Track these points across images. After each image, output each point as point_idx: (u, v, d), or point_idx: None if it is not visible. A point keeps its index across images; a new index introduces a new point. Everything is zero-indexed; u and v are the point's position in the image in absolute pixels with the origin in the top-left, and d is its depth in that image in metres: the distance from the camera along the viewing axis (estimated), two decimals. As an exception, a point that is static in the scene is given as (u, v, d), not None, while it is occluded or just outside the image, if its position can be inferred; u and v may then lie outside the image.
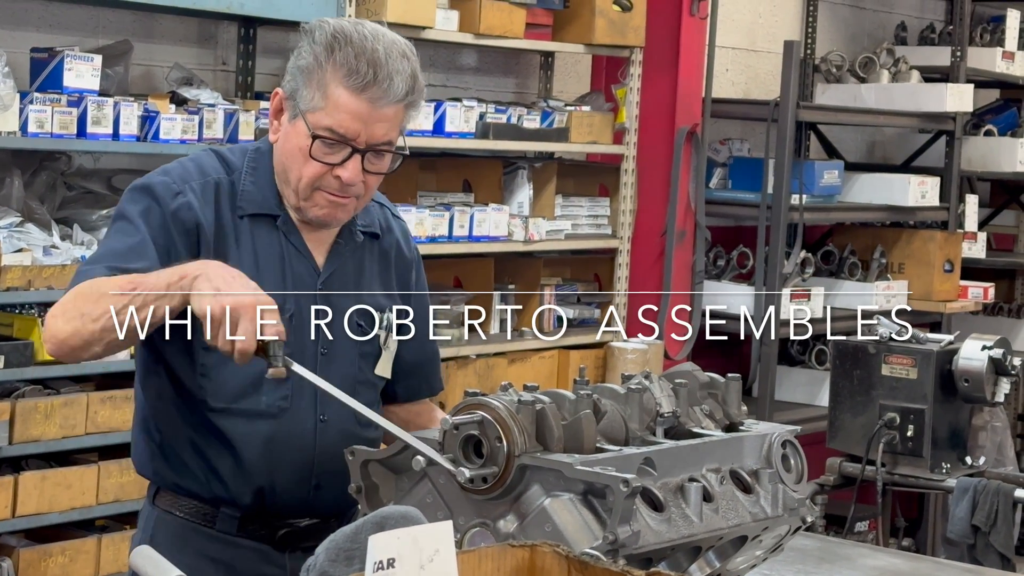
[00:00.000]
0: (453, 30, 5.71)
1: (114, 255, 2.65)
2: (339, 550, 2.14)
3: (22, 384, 4.66)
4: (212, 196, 2.73)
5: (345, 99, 2.65)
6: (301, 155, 2.69)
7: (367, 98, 2.65)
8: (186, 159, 2.81)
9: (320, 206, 2.73)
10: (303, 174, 2.70)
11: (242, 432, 2.74)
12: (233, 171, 2.78)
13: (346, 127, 2.66)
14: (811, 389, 7.26)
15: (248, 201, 2.76)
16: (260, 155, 2.81)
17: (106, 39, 5.19)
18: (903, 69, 7.81)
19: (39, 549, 4.62)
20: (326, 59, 2.65)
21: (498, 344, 6.03)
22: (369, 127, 2.67)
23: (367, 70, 2.64)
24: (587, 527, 2.34)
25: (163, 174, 2.75)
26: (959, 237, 7.76)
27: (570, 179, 6.53)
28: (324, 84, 2.65)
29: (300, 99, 2.68)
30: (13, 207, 4.73)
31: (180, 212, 2.69)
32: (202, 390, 2.73)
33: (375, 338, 2.87)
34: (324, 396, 2.76)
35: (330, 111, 2.66)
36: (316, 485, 2.79)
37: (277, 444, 2.74)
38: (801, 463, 2.70)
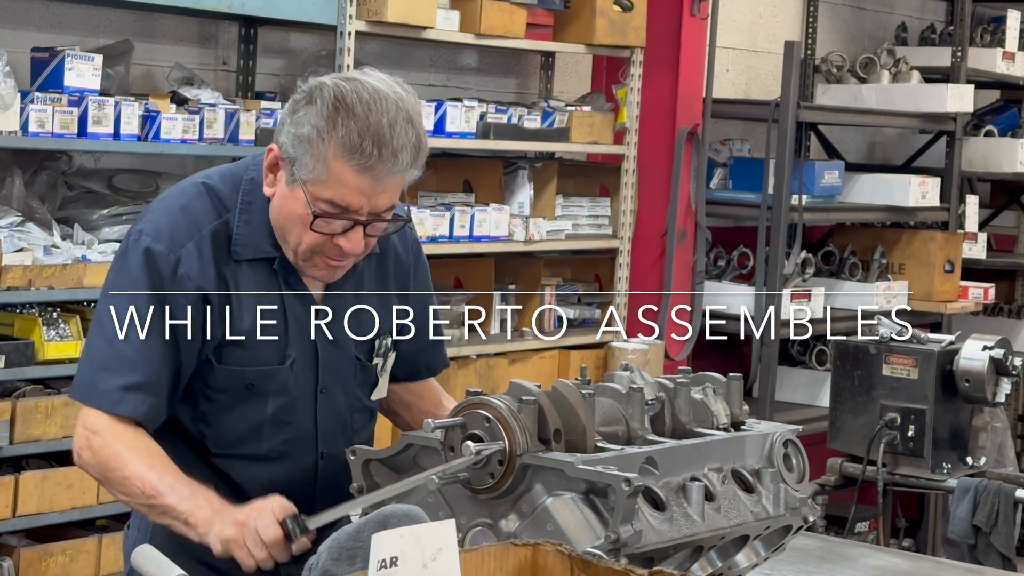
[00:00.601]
0: (454, 30, 5.71)
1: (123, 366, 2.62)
2: (341, 549, 2.14)
3: (23, 384, 4.66)
4: (209, 251, 2.67)
5: (348, 176, 2.56)
6: (301, 223, 2.63)
7: (371, 176, 2.57)
8: (176, 206, 2.70)
9: (319, 267, 2.69)
10: (302, 241, 2.64)
11: (244, 475, 2.75)
12: (227, 210, 2.71)
13: (348, 201, 2.59)
14: (812, 389, 7.26)
15: (243, 246, 2.70)
16: (255, 187, 2.72)
17: (107, 39, 5.19)
18: (903, 69, 7.81)
19: (40, 549, 4.62)
20: (327, 133, 2.55)
21: (499, 344, 6.03)
22: (372, 200, 2.60)
23: (372, 149, 2.54)
24: (589, 526, 2.34)
25: (156, 239, 2.66)
26: (959, 237, 7.76)
27: (571, 179, 6.53)
28: (325, 159, 2.56)
29: (299, 167, 2.60)
30: (14, 206, 4.73)
31: (180, 284, 2.65)
32: (203, 436, 2.74)
33: (373, 368, 2.86)
34: (324, 434, 2.78)
35: (332, 185, 2.58)
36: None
37: (280, 484, 2.72)
38: (803, 462, 2.70)
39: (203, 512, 2.53)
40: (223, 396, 2.71)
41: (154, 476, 2.57)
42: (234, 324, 2.67)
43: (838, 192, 7.32)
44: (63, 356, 4.61)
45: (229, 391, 2.70)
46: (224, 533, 2.49)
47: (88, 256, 4.72)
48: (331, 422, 2.79)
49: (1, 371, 4.49)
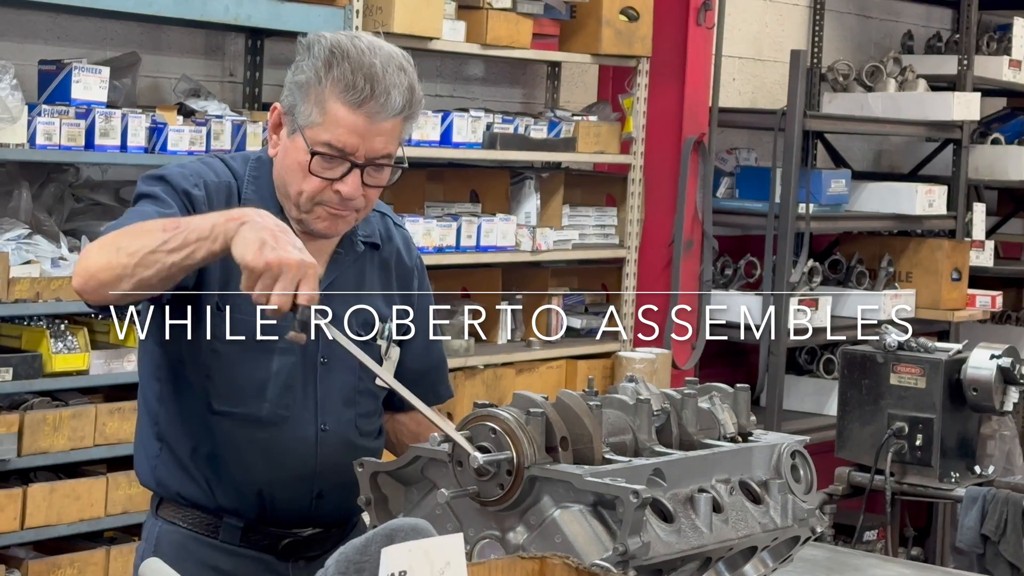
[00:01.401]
0: (460, 40, 5.71)
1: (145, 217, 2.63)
2: (349, 563, 2.13)
3: (30, 396, 4.66)
4: (223, 197, 2.74)
5: (343, 114, 2.65)
6: (300, 170, 2.69)
7: (364, 113, 2.65)
8: (197, 162, 2.81)
9: (321, 219, 2.73)
10: (303, 189, 2.70)
11: (243, 439, 2.75)
12: (237, 178, 2.79)
13: (344, 142, 2.66)
14: (819, 398, 7.26)
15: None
16: (261, 164, 2.81)
17: (114, 51, 5.20)
18: (910, 78, 7.81)
19: (48, 561, 4.62)
20: (324, 74, 2.65)
21: (506, 354, 6.03)
22: (367, 141, 2.67)
23: (364, 85, 2.64)
24: (597, 538, 2.34)
25: (179, 167, 2.76)
26: (967, 246, 7.75)
27: (577, 189, 6.54)
28: (322, 100, 2.65)
29: (298, 114, 2.68)
30: (21, 219, 4.73)
31: (195, 199, 2.70)
32: (206, 392, 2.74)
33: (375, 348, 2.87)
34: (325, 405, 2.78)
35: (328, 126, 2.66)
36: (318, 494, 2.80)
37: (277, 452, 2.75)
38: (810, 473, 2.70)
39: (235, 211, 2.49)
40: (229, 348, 2.72)
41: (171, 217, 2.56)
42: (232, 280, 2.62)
43: (845, 201, 7.32)
44: (71, 368, 4.62)
45: (236, 343, 2.71)
46: (248, 253, 2.40)
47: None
48: (332, 394, 2.80)
49: (9, 383, 4.50)
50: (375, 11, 5.34)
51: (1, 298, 4.45)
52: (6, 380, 4.48)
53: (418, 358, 2.95)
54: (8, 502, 4.50)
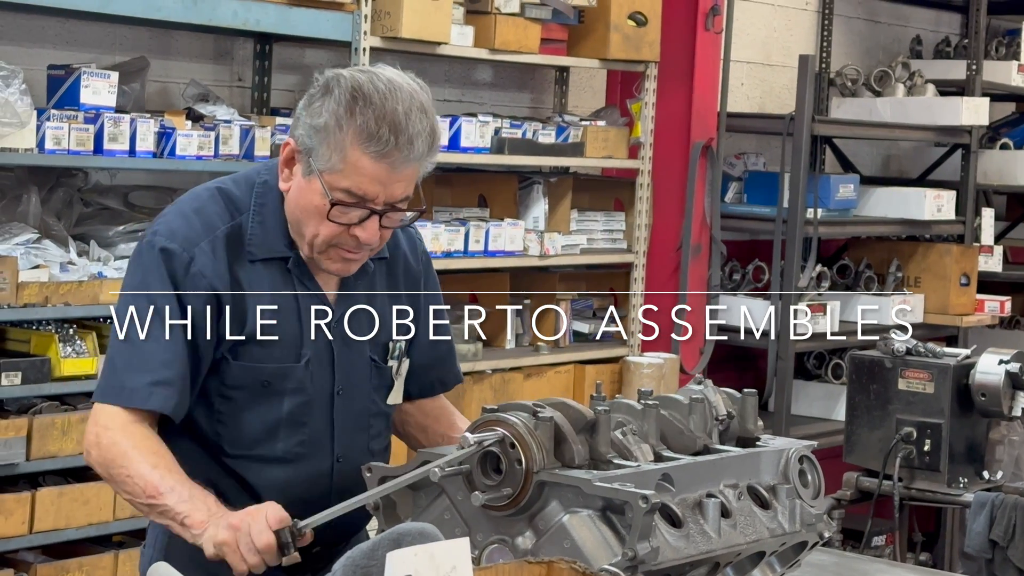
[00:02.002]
0: (468, 45, 5.72)
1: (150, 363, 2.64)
2: (356, 567, 2.14)
3: (39, 400, 4.67)
4: (223, 251, 2.69)
5: (365, 164, 2.60)
6: (317, 213, 2.65)
7: (387, 163, 2.60)
8: (190, 209, 2.73)
9: (334, 260, 2.71)
10: (319, 232, 2.67)
11: (260, 476, 2.75)
12: (240, 212, 2.73)
13: (365, 190, 2.62)
14: (827, 403, 7.25)
15: (257, 246, 2.73)
16: (268, 190, 2.75)
17: (123, 56, 5.21)
18: (918, 83, 7.81)
19: (56, 565, 4.63)
20: (346, 122, 2.58)
21: (514, 359, 6.03)
22: (388, 188, 2.63)
23: (388, 136, 2.58)
24: (606, 543, 2.34)
25: (170, 239, 2.69)
26: (975, 251, 7.75)
27: (585, 194, 6.54)
28: (342, 147, 2.60)
29: (316, 158, 2.62)
30: (30, 223, 4.74)
31: (194, 280, 2.67)
32: (219, 436, 2.74)
33: (388, 370, 2.87)
34: (340, 437, 2.78)
35: (348, 174, 2.61)
36: (331, 524, 2.79)
37: (294, 488, 2.75)
38: (818, 478, 2.70)
39: (199, 514, 2.56)
40: (239, 394, 2.72)
41: (156, 476, 2.59)
42: (248, 322, 2.69)
43: (853, 206, 7.31)
44: (80, 373, 4.62)
45: (245, 389, 2.71)
46: (218, 536, 2.51)
47: (104, 273, 4.73)
48: (348, 424, 2.80)
49: (18, 387, 4.50)
50: (383, 16, 5.35)
51: (10, 302, 4.46)
52: (15, 384, 4.49)
53: (424, 352, 2.94)
54: (17, 506, 4.50)
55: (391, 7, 5.34)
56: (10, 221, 4.71)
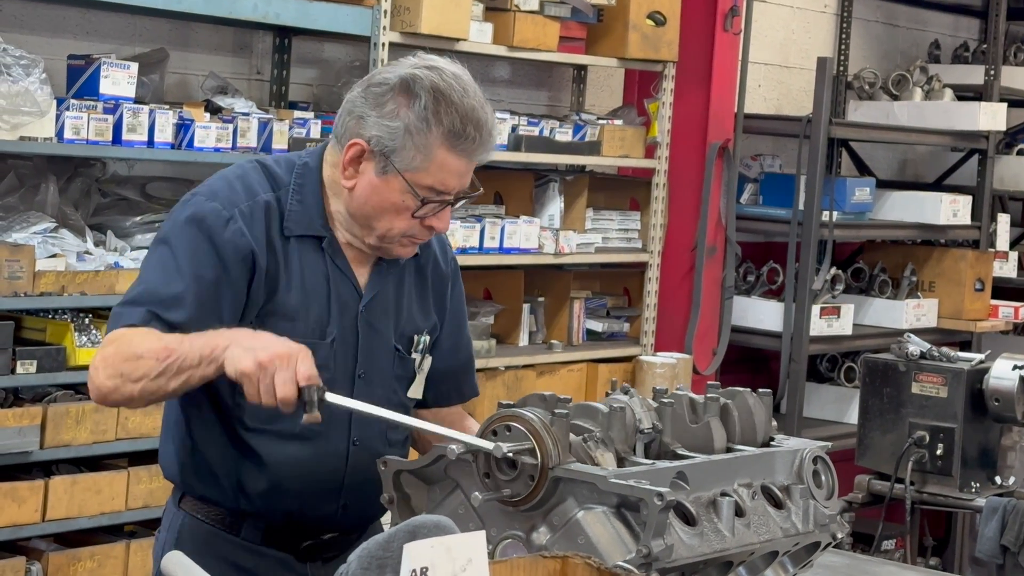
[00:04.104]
0: (487, 42, 5.72)
1: (153, 299, 2.64)
2: (372, 558, 2.14)
3: (54, 389, 4.68)
4: (262, 217, 2.72)
5: (451, 161, 2.68)
6: (395, 210, 2.70)
7: (469, 158, 2.69)
8: (232, 175, 2.78)
9: (404, 247, 2.77)
10: (394, 226, 2.72)
11: (275, 452, 2.75)
12: (280, 188, 2.77)
13: (448, 185, 2.70)
14: (840, 406, 7.25)
15: (295, 222, 2.75)
16: (308, 171, 2.79)
17: (142, 47, 5.22)
18: (936, 87, 7.80)
19: (68, 553, 4.64)
20: (434, 123, 2.65)
21: (527, 356, 6.04)
22: (463, 180, 2.72)
23: (474, 134, 2.67)
24: (620, 540, 2.34)
25: (211, 197, 2.72)
26: (990, 256, 7.74)
27: (601, 192, 6.54)
28: (428, 147, 2.66)
29: (397, 158, 2.67)
30: (48, 213, 4.76)
31: (233, 240, 2.68)
32: (239, 408, 2.74)
33: (411, 362, 2.89)
34: (358, 419, 2.78)
35: (432, 171, 2.68)
36: (344, 505, 2.80)
37: (309, 466, 2.75)
38: (832, 479, 2.70)
39: (219, 339, 2.54)
40: None
41: (164, 340, 2.57)
42: (279, 293, 2.71)
43: (869, 209, 7.31)
44: (95, 362, 4.63)
45: None
46: (242, 364, 2.48)
47: (121, 263, 4.74)
48: None
49: (33, 376, 4.52)
50: (403, 11, 5.35)
51: (26, 291, 4.47)
52: (30, 373, 4.50)
53: (445, 358, 2.96)
54: (30, 494, 4.52)
55: (410, 3, 5.35)
56: (28, 210, 4.73)
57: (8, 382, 4.50)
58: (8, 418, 4.46)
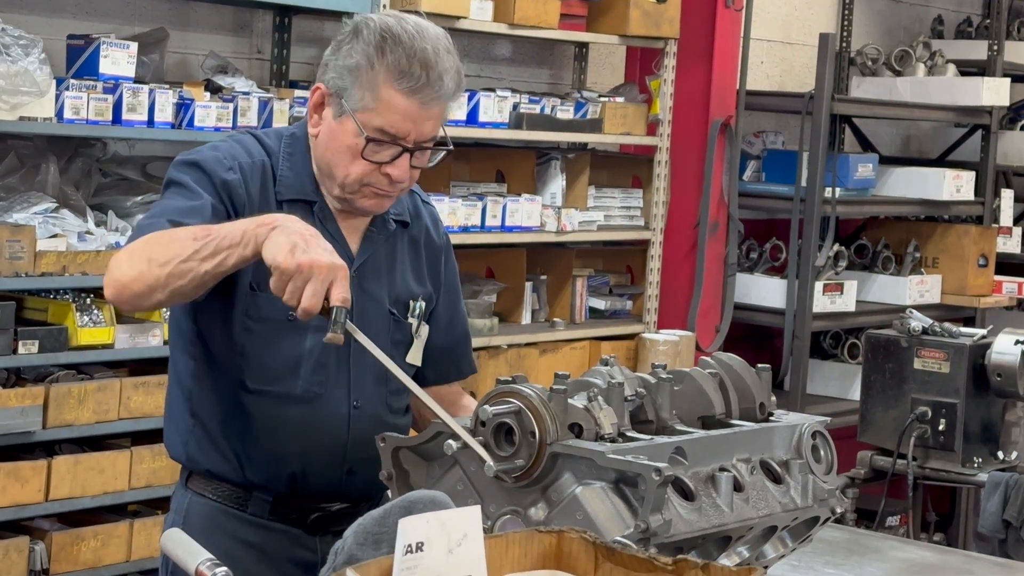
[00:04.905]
0: (487, 20, 5.71)
1: (175, 212, 2.64)
2: (367, 534, 2.14)
3: (56, 369, 4.69)
4: (259, 177, 2.75)
5: (397, 101, 2.66)
6: (349, 153, 2.70)
7: (419, 99, 2.66)
8: (230, 140, 2.81)
9: (368, 198, 2.75)
10: (350, 171, 2.71)
11: (276, 416, 2.75)
12: (271, 155, 2.79)
13: (397, 127, 2.68)
14: (843, 383, 7.25)
15: (286, 187, 2.77)
16: (295, 141, 2.81)
17: (142, 27, 5.21)
18: (939, 63, 7.78)
19: (71, 533, 4.65)
20: (378, 61, 2.65)
21: (529, 334, 6.04)
22: (419, 126, 2.69)
23: (420, 72, 2.65)
24: (618, 515, 2.34)
25: (212, 150, 2.75)
26: (994, 232, 7.73)
27: (603, 170, 6.53)
28: (375, 86, 2.66)
29: (348, 99, 2.68)
30: (48, 193, 4.75)
31: (231, 185, 2.71)
32: (240, 370, 2.74)
33: (407, 326, 2.88)
34: (356, 383, 2.77)
35: (381, 112, 2.67)
36: (348, 471, 2.80)
37: (310, 429, 2.76)
38: (831, 454, 2.70)
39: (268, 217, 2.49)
40: (263, 327, 2.73)
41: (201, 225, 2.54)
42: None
43: (872, 185, 7.30)
44: (96, 342, 4.64)
45: (270, 322, 2.72)
46: (279, 255, 2.41)
47: (122, 243, 4.74)
48: (364, 371, 2.80)
49: (35, 356, 4.52)
50: (403, -11, 5.34)
51: (28, 271, 4.47)
52: (32, 353, 4.51)
53: (442, 333, 2.96)
54: (33, 474, 4.52)
55: (411, -20, 5.34)
56: (28, 190, 4.73)
57: (10, 362, 4.50)
58: (10, 398, 4.47)
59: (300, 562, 2.79)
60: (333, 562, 2.17)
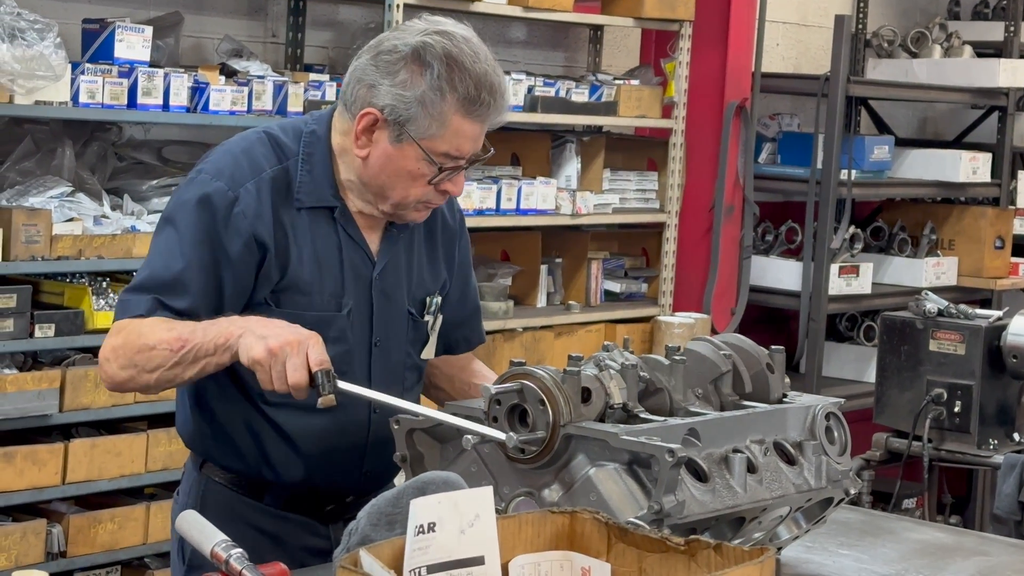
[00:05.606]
0: (503, 3, 5.70)
1: (158, 285, 2.65)
2: (380, 515, 2.15)
3: (72, 352, 4.70)
4: (268, 193, 2.71)
5: (465, 127, 2.68)
6: (410, 177, 2.70)
7: (483, 122, 2.70)
8: (238, 149, 2.75)
9: (419, 211, 2.77)
10: (410, 194, 2.72)
11: (297, 424, 2.75)
12: (288, 158, 2.75)
13: (462, 149, 2.70)
14: (859, 365, 7.24)
15: (305, 194, 2.74)
16: (316, 139, 2.77)
17: (157, 11, 5.22)
18: (955, 44, 7.75)
19: (88, 516, 4.67)
20: (449, 92, 2.65)
21: (545, 317, 6.04)
22: (477, 144, 2.73)
23: (487, 98, 2.67)
24: (632, 496, 2.35)
25: (216, 176, 2.70)
26: (1010, 213, 7.71)
27: (618, 153, 6.52)
28: (442, 114, 2.66)
29: (412, 127, 2.66)
30: (64, 177, 4.77)
31: (237, 224, 2.67)
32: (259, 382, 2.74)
33: (424, 324, 2.89)
34: (377, 382, 2.78)
35: (448, 138, 2.68)
36: (366, 472, 2.81)
37: (331, 436, 2.76)
38: (845, 435, 2.69)
39: (232, 327, 2.56)
40: None
41: (176, 331, 2.59)
42: (291, 268, 2.70)
43: (888, 167, 7.28)
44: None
45: None
46: (253, 352, 2.50)
47: (137, 226, 4.75)
48: (384, 376, 2.81)
49: (51, 340, 4.54)
50: (417, -28, 5.34)
51: (44, 255, 4.49)
52: (48, 336, 4.52)
53: (454, 309, 2.96)
54: (50, 457, 4.54)
55: (425, -36, 5.33)
56: (44, 174, 4.74)
57: (26, 346, 4.52)
58: (27, 382, 4.49)
59: (313, 549, 2.80)
60: (347, 543, 2.18)
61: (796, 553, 2.80)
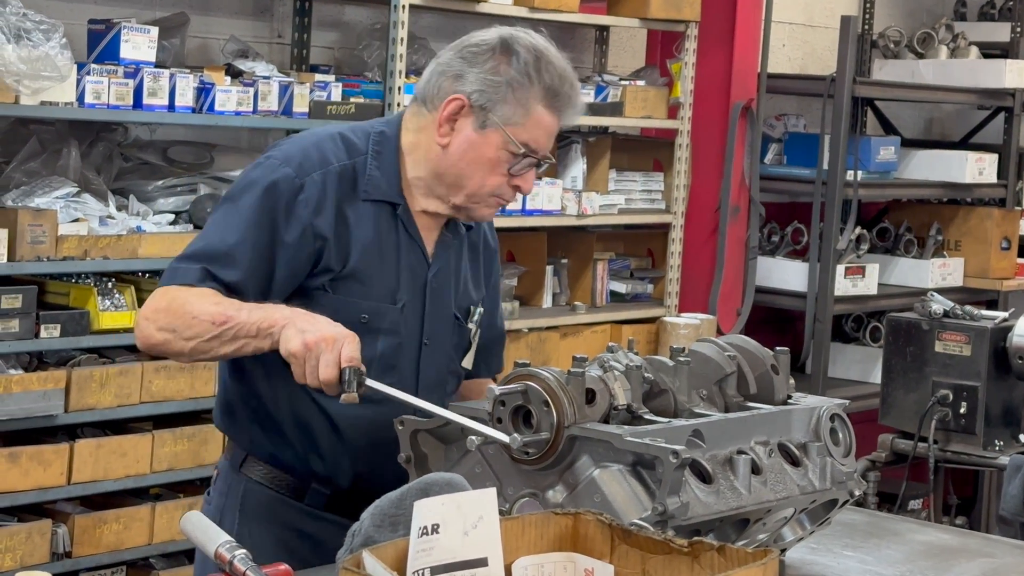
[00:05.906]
0: (508, 3, 5.71)
1: (209, 256, 2.68)
2: (384, 516, 2.15)
3: (78, 353, 4.71)
4: (334, 186, 2.75)
5: (546, 119, 2.74)
6: (489, 165, 2.75)
7: (561, 117, 2.76)
8: (309, 142, 2.80)
9: (489, 207, 2.82)
10: (486, 183, 2.76)
11: (346, 415, 2.76)
12: (357, 155, 2.80)
13: (539, 143, 2.76)
14: (865, 366, 7.23)
15: (373, 187, 2.78)
16: (385, 139, 2.82)
17: (163, 11, 5.22)
18: (962, 45, 7.75)
19: (94, 516, 4.67)
20: (536, 79, 2.72)
21: (550, 318, 6.04)
22: (550, 141, 2.79)
23: (569, 92, 2.75)
24: (636, 498, 2.35)
25: (285, 162, 2.75)
26: (1017, 214, 7.70)
27: (624, 154, 6.52)
28: (527, 102, 2.72)
29: (497, 112, 2.72)
30: (70, 177, 4.77)
31: (299, 213, 2.71)
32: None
33: (467, 331, 2.93)
34: (424, 386, 2.81)
35: (529, 128, 2.73)
36: None
37: (378, 429, 2.76)
38: (849, 436, 2.69)
39: (276, 314, 2.59)
40: None
41: (222, 306, 2.62)
42: (351, 258, 2.74)
43: (894, 168, 7.28)
44: (118, 326, 4.65)
45: (344, 324, 2.71)
46: (290, 344, 2.53)
47: (143, 227, 4.76)
48: (431, 375, 2.84)
49: (57, 340, 4.54)
50: (423, -27, 5.34)
51: (49, 255, 4.49)
52: (54, 337, 4.53)
53: (481, 331, 2.99)
54: (55, 457, 4.55)
55: (431, -36, 5.33)
56: (50, 175, 4.74)
57: (32, 346, 4.52)
58: (33, 382, 4.49)
59: None
60: (350, 544, 2.18)
61: (800, 555, 2.80)
